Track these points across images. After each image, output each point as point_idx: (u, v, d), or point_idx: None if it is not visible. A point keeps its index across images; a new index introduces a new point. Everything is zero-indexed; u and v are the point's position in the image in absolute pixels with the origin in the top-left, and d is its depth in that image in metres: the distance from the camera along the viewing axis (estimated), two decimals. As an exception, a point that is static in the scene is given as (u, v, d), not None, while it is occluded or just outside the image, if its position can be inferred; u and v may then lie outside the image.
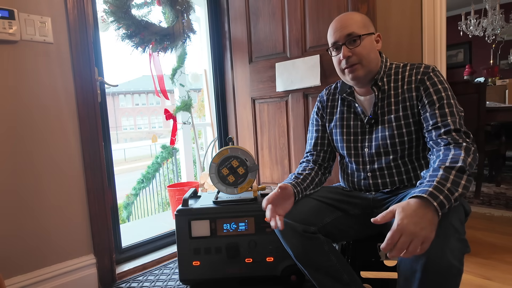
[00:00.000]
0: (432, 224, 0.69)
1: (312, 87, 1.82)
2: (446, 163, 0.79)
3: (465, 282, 1.35)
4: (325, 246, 0.98)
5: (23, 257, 1.30)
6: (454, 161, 0.78)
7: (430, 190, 0.72)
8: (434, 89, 0.93)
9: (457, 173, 0.76)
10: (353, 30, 0.97)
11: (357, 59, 0.97)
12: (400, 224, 0.68)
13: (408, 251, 0.67)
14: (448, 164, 0.78)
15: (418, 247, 0.67)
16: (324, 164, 1.16)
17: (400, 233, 0.67)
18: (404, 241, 0.67)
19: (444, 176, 0.75)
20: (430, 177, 0.77)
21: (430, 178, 0.77)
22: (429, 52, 1.88)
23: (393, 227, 0.68)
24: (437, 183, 0.74)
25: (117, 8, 1.67)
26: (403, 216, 0.69)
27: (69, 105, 1.41)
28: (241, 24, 2.06)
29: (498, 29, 4.15)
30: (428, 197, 0.71)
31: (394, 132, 0.98)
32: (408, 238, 0.67)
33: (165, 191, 4.17)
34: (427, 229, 0.68)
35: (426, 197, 0.71)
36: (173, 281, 1.50)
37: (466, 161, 0.78)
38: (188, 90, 2.42)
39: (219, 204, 1.36)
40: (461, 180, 0.76)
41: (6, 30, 1.23)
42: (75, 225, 1.43)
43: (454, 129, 0.86)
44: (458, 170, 0.76)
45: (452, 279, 0.71)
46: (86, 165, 1.45)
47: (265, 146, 2.06)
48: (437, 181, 0.74)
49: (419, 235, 0.67)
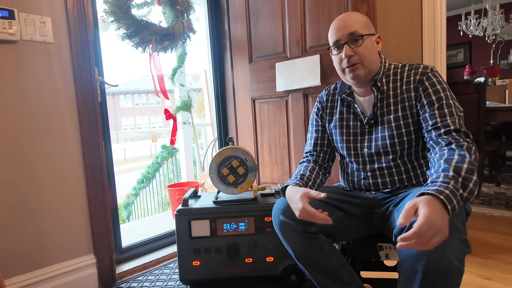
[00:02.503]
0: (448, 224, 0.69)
1: (312, 87, 1.82)
2: (452, 162, 0.78)
3: (465, 282, 1.35)
4: (326, 246, 0.98)
5: (23, 257, 1.30)
6: (461, 161, 0.78)
7: (447, 193, 0.71)
8: (433, 90, 0.93)
9: (466, 175, 0.76)
10: (355, 29, 0.96)
11: (359, 59, 0.97)
12: (430, 216, 0.66)
13: (429, 245, 0.65)
14: (455, 164, 0.78)
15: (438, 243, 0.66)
16: (324, 164, 1.16)
17: (429, 225, 0.65)
18: (432, 234, 0.65)
19: (455, 178, 0.75)
20: (444, 177, 0.75)
21: (444, 179, 0.75)
22: (429, 52, 1.88)
23: (422, 219, 0.66)
24: (452, 186, 0.73)
25: (117, 8, 1.67)
26: (432, 210, 0.67)
27: (69, 105, 1.41)
28: (241, 24, 2.06)
29: (498, 29, 4.15)
30: (445, 200, 0.70)
31: (393, 132, 0.99)
32: (435, 231, 0.65)
33: (165, 191, 4.17)
34: (447, 228, 0.68)
35: (443, 199, 0.70)
36: (173, 281, 1.50)
37: (472, 162, 0.78)
38: (188, 90, 2.42)
39: (219, 204, 1.36)
40: (469, 183, 0.75)
41: (6, 30, 1.23)
42: (75, 225, 1.43)
43: (454, 129, 0.86)
44: (466, 171, 0.76)
45: (453, 279, 0.71)
46: (86, 165, 1.45)
47: (265, 146, 2.06)
48: (452, 185, 0.73)
49: (444, 231, 0.67)
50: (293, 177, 1.07)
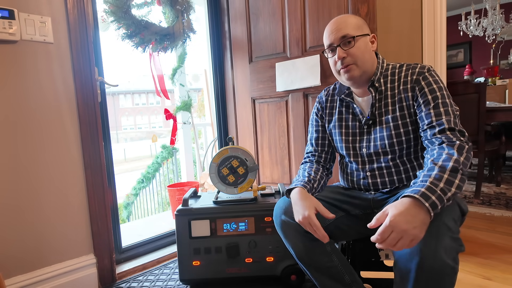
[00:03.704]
0: (424, 224, 0.70)
1: (312, 87, 1.82)
2: (439, 162, 0.79)
3: (465, 282, 1.35)
4: (328, 246, 0.99)
5: (23, 257, 1.30)
6: (447, 159, 0.79)
7: (422, 191, 0.73)
8: (429, 89, 0.93)
9: (451, 173, 0.76)
10: (347, 32, 0.98)
11: (352, 60, 0.98)
12: (393, 220, 0.69)
13: (395, 247, 0.69)
14: (441, 163, 0.79)
15: (406, 245, 0.69)
16: (326, 165, 1.17)
17: (391, 229, 0.69)
18: (394, 237, 0.69)
19: (437, 175, 0.76)
20: (424, 176, 0.78)
21: (423, 178, 0.77)
22: (429, 52, 1.88)
23: (385, 222, 0.70)
24: (430, 183, 0.74)
25: (117, 8, 1.67)
26: (396, 213, 0.70)
27: (69, 105, 1.41)
28: (241, 24, 2.06)
29: (498, 29, 4.15)
30: (420, 198, 0.71)
31: (391, 132, 0.99)
32: (398, 235, 0.69)
33: (165, 191, 4.17)
34: (418, 229, 0.69)
35: (418, 198, 0.71)
36: (173, 281, 1.50)
37: (459, 160, 0.78)
38: (188, 90, 2.42)
39: (219, 204, 1.36)
40: (454, 179, 0.76)
41: (6, 30, 1.23)
42: (75, 225, 1.43)
43: (448, 128, 0.87)
44: (451, 169, 0.77)
45: (446, 277, 0.71)
46: (86, 165, 1.45)
47: (265, 146, 2.06)
48: (430, 181, 0.75)
49: (410, 233, 0.68)
50: (300, 178, 1.07)
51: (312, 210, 0.90)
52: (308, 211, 0.89)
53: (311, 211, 0.89)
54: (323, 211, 0.90)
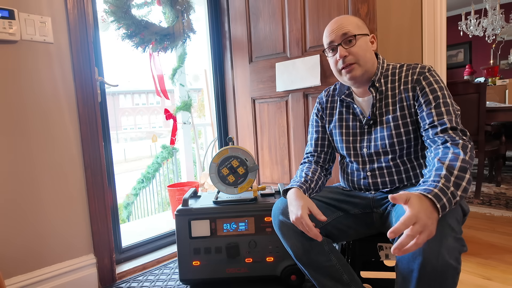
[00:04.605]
0: (436, 223, 0.69)
1: (312, 87, 1.82)
2: (446, 161, 0.79)
3: (465, 282, 1.35)
4: (326, 246, 0.99)
5: (23, 257, 1.30)
6: (454, 159, 0.78)
7: (435, 192, 0.72)
8: (430, 89, 0.93)
9: (459, 173, 0.76)
10: (348, 30, 0.98)
11: (354, 59, 0.98)
12: (417, 212, 0.67)
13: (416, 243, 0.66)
14: (448, 162, 0.78)
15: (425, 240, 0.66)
16: (325, 165, 1.17)
17: (415, 220, 0.66)
18: (417, 229, 0.65)
19: (447, 177, 0.75)
20: (435, 176, 0.76)
21: (434, 178, 0.76)
22: (429, 52, 1.88)
23: (409, 213, 0.67)
24: (442, 185, 0.73)
25: (117, 8, 1.68)
26: (419, 206, 0.68)
27: (69, 105, 1.41)
28: (241, 24, 2.06)
29: (498, 29, 4.15)
30: (433, 198, 0.70)
31: (392, 132, 0.99)
32: (420, 227, 0.66)
33: (165, 191, 4.17)
34: (434, 226, 0.68)
35: (431, 198, 0.70)
36: (173, 281, 1.50)
37: (466, 159, 0.79)
38: (188, 90, 2.42)
39: (219, 204, 1.36)
40: (462, 181, 0.76)
41: (6, 30, 1.23)
42: (75, 224, 1.43)
43: (450, 127, 0.87)
44: (460, 169, 0.76)
45: (449, 278, 0.71)
46: (86, 165, 1.45)
47: (265, 146, 2.06)
48: (442, 183, 0.74)
49: (429, 229, 0.67)
50: (297, 178, 1.07)
51: (305, 210, 0.90)
52: (301, 211, 0.89)
53: (304, 211, 0.90)
54: (315, 213, 0.90)
